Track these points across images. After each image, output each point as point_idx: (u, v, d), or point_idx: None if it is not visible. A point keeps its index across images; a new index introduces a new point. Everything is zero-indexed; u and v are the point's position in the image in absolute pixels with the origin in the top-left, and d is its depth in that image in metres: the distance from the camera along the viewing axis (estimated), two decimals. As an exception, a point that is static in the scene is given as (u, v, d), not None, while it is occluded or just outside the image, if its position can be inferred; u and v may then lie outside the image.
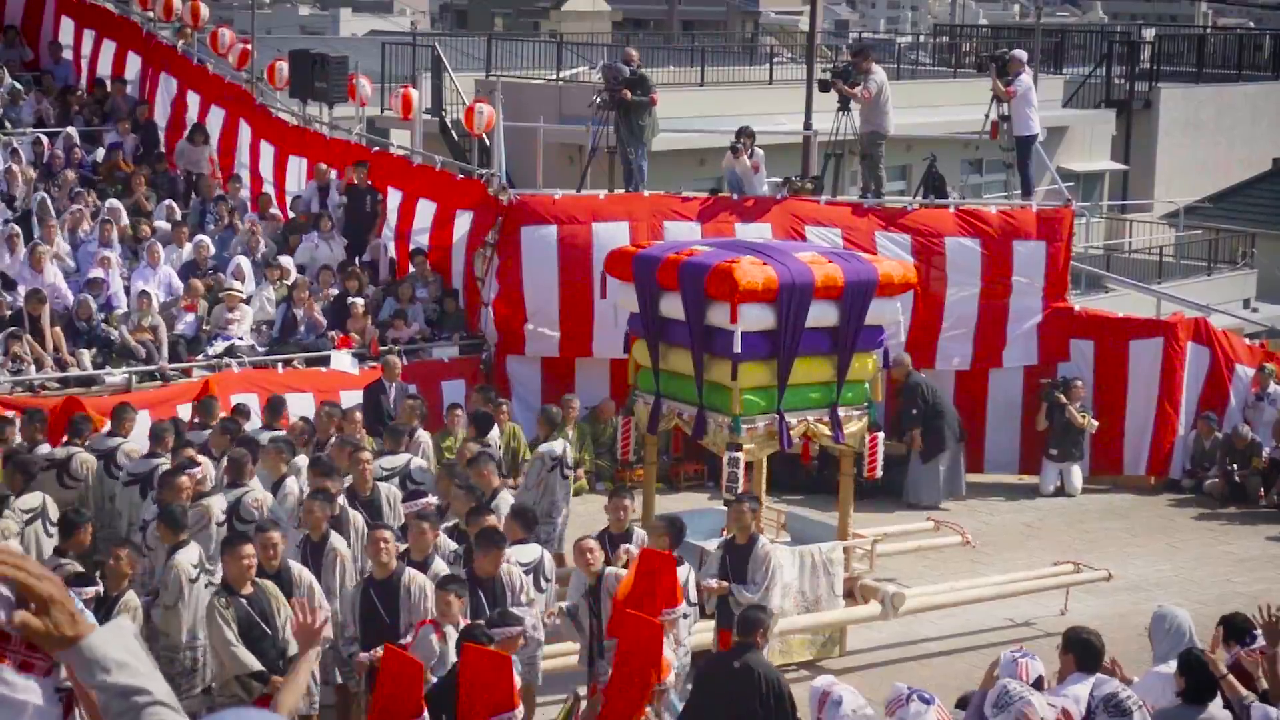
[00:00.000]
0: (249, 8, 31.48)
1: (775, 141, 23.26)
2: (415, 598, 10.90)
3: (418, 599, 10.90)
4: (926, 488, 18.73)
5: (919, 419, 18.75)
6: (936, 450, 18.79)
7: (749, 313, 13.31)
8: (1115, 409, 19.69)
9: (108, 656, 3.26)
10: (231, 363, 17.62)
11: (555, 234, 18.76)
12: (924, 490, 18.73)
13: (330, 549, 11.73)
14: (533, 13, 76.05)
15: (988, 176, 30.89)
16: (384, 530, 11.26)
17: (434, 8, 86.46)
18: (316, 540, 11.75)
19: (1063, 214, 19.88)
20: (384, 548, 10.98)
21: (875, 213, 19.62)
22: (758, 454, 13.83)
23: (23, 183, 20.51)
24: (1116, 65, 36.50)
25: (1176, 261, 30.36)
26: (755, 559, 12.29)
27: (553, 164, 23.83)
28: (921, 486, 18.75)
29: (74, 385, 16.74)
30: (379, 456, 14.10)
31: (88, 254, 19.06)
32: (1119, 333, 19.82)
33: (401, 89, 22.55)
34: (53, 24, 25.13)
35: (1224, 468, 19.09)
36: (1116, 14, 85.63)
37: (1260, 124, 38.41)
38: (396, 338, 18.56)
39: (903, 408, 18.82)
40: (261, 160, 22.53)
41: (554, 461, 14.71)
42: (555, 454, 14.73)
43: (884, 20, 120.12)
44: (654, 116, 19.57)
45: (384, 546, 11.00)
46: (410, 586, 10.93)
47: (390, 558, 11.01)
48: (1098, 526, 18.27)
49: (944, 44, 45.23)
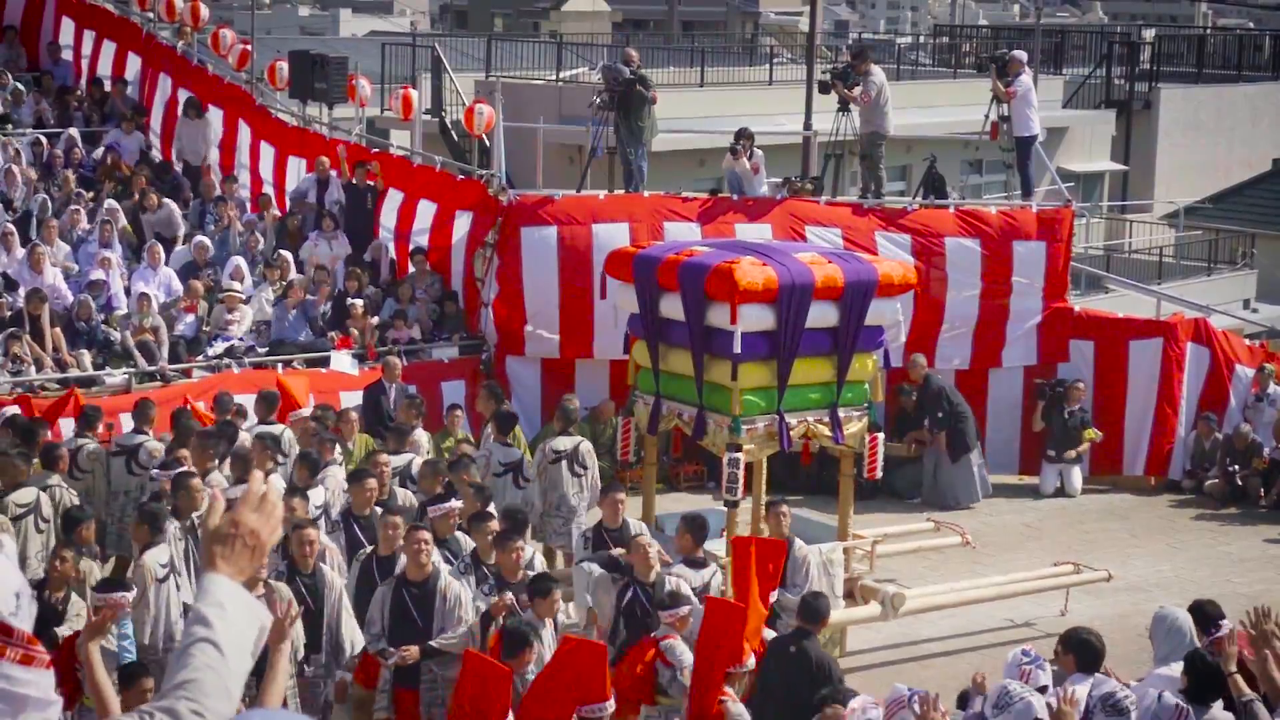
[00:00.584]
0: (249, 8, 31.48)
1: (775, 142, 23.27)
2: (450, 604, 10.71)
3: (453, 606, 10.72)
4: (963, 488, 18.72)
5: (947, 420, 18.71)
6: (964, 450, 18.77)
7: (749, 313, 13.31)
8: (1115, 409, 19.69)
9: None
10: (231, 363, 17.61)
11: (555, 235, 18.75)
12: (961, 491, 18.70)
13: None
14: (533, 13, 76.04)
15: (988, 177, 30.90)
16: (423, 531, 11.02)
17: (434, 8, 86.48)
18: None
19: (1063, 214, 19.88)
20: (423, 549, 10.75)
21: (875, 213, 19.62)
22: (758, 454, 13.83)
23: (22, 183, 20.52)
24: (1116, 66, 36.52)
25: (1176, 262, 30.37)
26: (794, 562, 12.37)
27: (553, 164, 23.83)
28: (959, 487, 18.71)
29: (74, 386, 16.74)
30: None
31: (88, 255, 19.07)
32: (1119, 333, 19.82)
33: (401, 89, 22.55)
34: (53, 25, 25.12)
35: (1224, 468, 19.09)
36: (1116, 14, 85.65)
37: (1260, 124, 38.42)
38: (396, 338, 18.56)
39: (928, 410, 18.78)
40: (261, 161, 22.53)
41: (555, 455, 14.71)
42: (556, 449, 14.73)
43: (884, 21, 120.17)
44: (653, 116, 19.57)
45: (423, 548, 10.78)
46: (446, 593, 10.75)
47: (428, 560, 10.80)
48: (1098, 527, 18.27)
49: (944, 44, 45.23)
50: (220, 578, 3.42)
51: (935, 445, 18.80)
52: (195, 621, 3.37)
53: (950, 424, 18.71)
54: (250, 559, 3.47)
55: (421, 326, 18.94)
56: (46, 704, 3.52)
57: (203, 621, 3.35)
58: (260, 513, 3.52)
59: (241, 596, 3.44)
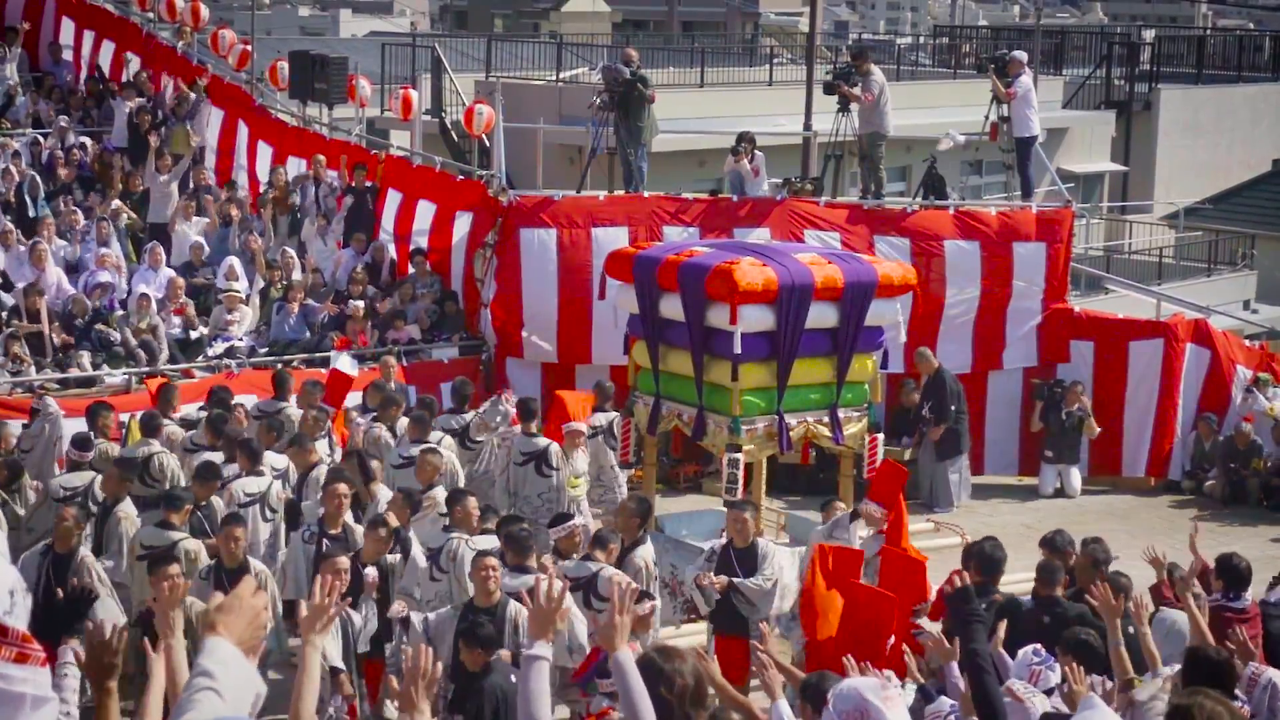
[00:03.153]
0: (249, 9, 31.49)
1: (775, 143, 23.26)
2: (522, 635, 9.83)
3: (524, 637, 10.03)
4: (940, 490, 18.41)
5: (946, 414, 18.39)
6: (953, 453, 18.56)
7: (749, 314, 13.32)
8: (1115, 410, 19.69)
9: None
10: (231, 364, 17.61)
11: (554, 238, 18.76)
12: (939, 493, 18.41)
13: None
14: (532, 14, 76.05)
15: (988, 178, 30.88)
16: (491, 558, 10.53)
17: (434, 8, 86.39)
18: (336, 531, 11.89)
19: (1062, 215, 19.88)
20: (491, 575, 10.23)
21: (874, 216, 19.60)
22: (757, 455, 13.84)
23: (21, 183, 20.50)
24: (1116, 66, 36.49)
25: (1176, 263, 30.35)
26: (761, 557, 12.36)
27: (553, 165, 23.83)
28: (937, 489, 18.42)
29: (74, 386, 16.75)
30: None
31: (88, 253, 19.08)
32: (1119, 334, 19.81)
33: (401, 90, 22.55)
34: (53, 25, 25.14)
35: (1225, 469, 19.10)
36: (1116, 15, 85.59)
37: (1260, 125, 38.41)
38: (396, 338, 18.56)
39: (930, 397, 18.46)
40: (259, 161, 22.52)
41: (593, 430, 15.03)
42: (595, 424, 15.14)
43: (884, 21, 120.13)
44: (653, 116, 19.57)
45: (491, 574, 10.25)
46: (518, 620, 10.05)
47: (496, 586, 10.27)
48: (1097, 528, 18.18)
49: (944, 45, 45.20)
50: (222, 641, 3.77)
51: (928, 438, 18.64)
52: (199, 674, 3.69)
53: (949, 420, 18.56)
54: (249, 629, 3.86)
55: (421, 327, 18.93)
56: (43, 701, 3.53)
57: (206, 674, 3.67)
58: (257, 596, 3.94)
59: (241, 660, 3.78)
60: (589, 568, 11.16)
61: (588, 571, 11.10)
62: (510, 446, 14.65)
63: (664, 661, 5.79)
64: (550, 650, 5.61)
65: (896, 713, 5.70)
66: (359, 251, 19.86)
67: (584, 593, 10.93)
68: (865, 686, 5.84)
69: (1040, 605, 10.30)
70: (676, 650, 6.03)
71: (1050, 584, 10.38)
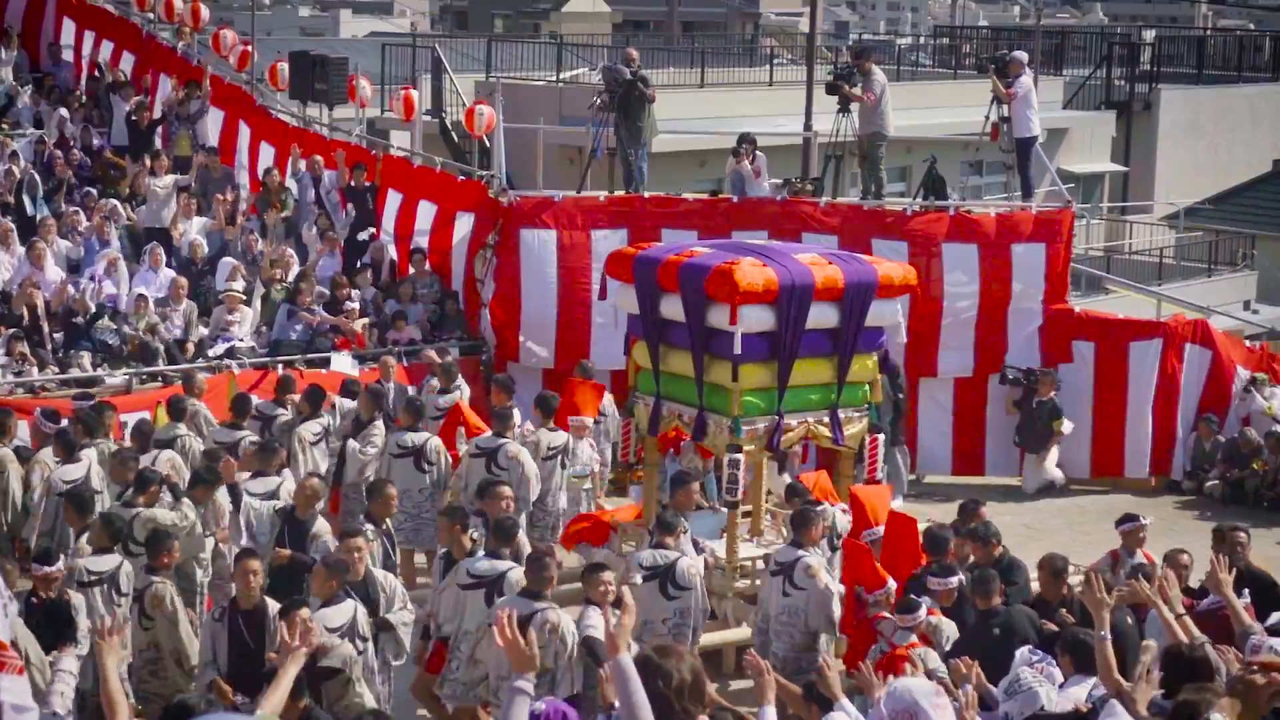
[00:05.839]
0: (249, 9, 31.49)
1: (775, 143, 23.26)
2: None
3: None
4: (896, 478, 17.75)
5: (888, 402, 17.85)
6: (889, 444, 17.66)
7: (749, 314, 13.31)
8: (1115, 411, 19.68)
9: None
10: (232, 364, 17.60)
11: (554, 239, 18.77)
12: (896, 482, 17.79)
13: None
14: (533, 14, 76.02)
15: (988, 178, 30.90)
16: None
17: (434, 9, 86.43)
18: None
19: (1063, 216, 19.86)
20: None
21: (873, 218, 19.58)
22: (758, 455, 13.84)
23: (21, 182, 20.50)
24: (1116, 67, 36.53)
25: (1176, 263, 30.35)
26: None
27: (553, 165, 23.83)
28: (895, 478, 17.76)
29: (74, 386, 16.72)
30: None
31: (89, 253, 19.08)
32: (1119, 334, 19.80)
33: (402, 90, 22.55)
34: (54, 25, 25.14)
35: (1226, 469, 19.10)
36: (1116, 15, 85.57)
37: (1260, 126, 38.43)
38: (396, 339, 18.56)
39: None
40: (261, 162, 22.51)
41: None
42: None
43: (884, 21, 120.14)
44: (652, 116, 19.58)
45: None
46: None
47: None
48: (1098, 528, 18.22)
49: (944, 45, 45.23)
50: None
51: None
52: None
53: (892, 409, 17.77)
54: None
55: (421, 327, 18.93)
56: (22, 710, 3.52)
57: None
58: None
59: None
60: (667, 556, 11.67)
61: (666, 560, 11.64)
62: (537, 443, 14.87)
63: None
64: (531, 685, 5.83)
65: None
66: (330, 251, 19.82)
67: (660, 581, 11.58)
68: (920, 690, 5.84)
69: (983, 617, 10.62)
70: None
71: (988, 596, 10.68)
